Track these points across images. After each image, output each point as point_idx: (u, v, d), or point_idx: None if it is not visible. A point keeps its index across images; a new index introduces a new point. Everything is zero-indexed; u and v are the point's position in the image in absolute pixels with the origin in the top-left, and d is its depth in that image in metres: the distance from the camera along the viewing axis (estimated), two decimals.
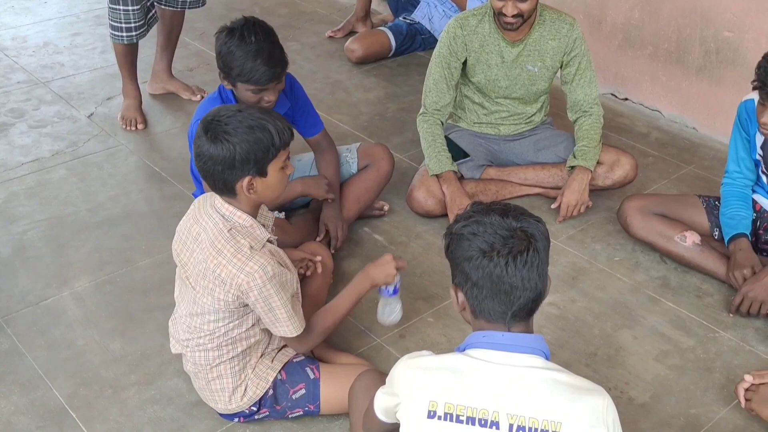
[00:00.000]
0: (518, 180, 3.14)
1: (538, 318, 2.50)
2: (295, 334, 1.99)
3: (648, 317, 2.56)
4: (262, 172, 1.91)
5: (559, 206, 2.98)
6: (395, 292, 2.23)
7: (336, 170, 2.86)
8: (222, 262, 1.89)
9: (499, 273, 1.42)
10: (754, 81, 2.34)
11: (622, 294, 2.67)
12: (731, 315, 2.54)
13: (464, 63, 2.99)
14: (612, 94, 3.97)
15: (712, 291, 2.66)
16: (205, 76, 4.14)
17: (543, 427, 1.37)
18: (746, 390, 2.04)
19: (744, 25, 3.31)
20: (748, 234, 2.62)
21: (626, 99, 3.93)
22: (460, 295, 1.51)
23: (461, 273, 1.49)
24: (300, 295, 2.13)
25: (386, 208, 3.06)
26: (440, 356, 1.50)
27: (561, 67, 3.01)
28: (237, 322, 1.99)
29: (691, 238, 2.70)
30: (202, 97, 3.73)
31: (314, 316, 2.09)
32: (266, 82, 2.41)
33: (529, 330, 1.50)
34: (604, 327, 2.53)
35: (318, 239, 2.74)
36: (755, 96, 2.53)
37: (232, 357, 2.03)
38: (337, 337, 2.43)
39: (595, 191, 3.05)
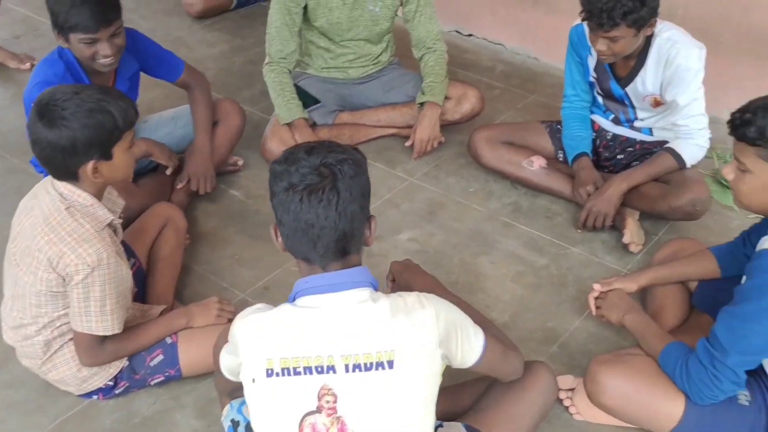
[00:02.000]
0: (371, 122, 3.15)
1: (399, 255, 2.56)
2: (101, 333, 1.86)
3: (503, 242, 2.66)
4: (107, 156, 1.80)
5: (413, 144, 3.01)
6: None
7: (206, 108, 2.78)
8: (53, 239, 1.78)
9: (295, 209, 1.40)
10: (581, 12, 2.40)
11: (478, 223, 2.75)
12: (579, 230, 2.67)
13: (305, 8, 2.94)
14: (456, 32, 4.03)
15: (561, 210, 2.79)
16: (34, 43, 3.86)
17: (377, 359, 1.38)
18: (596, 298, 2.15)
19: None
20: (589, 153, 2.74)
21: (470, 35, 4.00)
22: (280, 236, 1.50)
23: (275, 211, 1.47)
24: (131, 293, 2.01)
25: (240, 163, 2.99)
26: (272, 312, 1.46)
27: (401, 5, 3.01)
28: (63, 310, 1.87)
29: (538, 162, 2.81)
30: (32, 65, 3.48)
31: (118, 335, 1.94)
32: (95, 28, 2.26)
33: (348, 265, 1.47)
34: (463, 256, 2.60)
35: (179, 186, 2.67)
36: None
37: (62, 345, 1.93)
38: (199, 298, 2.37)
39: (446, 126, 3.10)
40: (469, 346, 1.51)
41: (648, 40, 2.48)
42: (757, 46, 3.09)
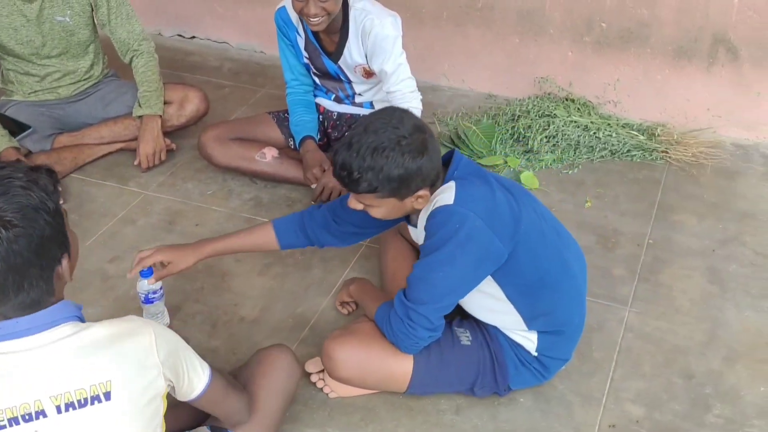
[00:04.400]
0: (94, 140, 2.99)
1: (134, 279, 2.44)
2: None
3: None
4: None
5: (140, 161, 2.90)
6: (148, 301, 2.15)
7: None
8: None
9: None
10: None
11: (220, 224, 2.70)
12: (313, 202, 2.67)
13: None
14: (179, 35, 3.93)
15: (301, 197, 2.81)
16: None
17: (92, 393, 1.29)
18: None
19: None
20: (314, 135, 2.78)
21: (193, 37, 3.92)
22: None
23: None
24: None
25: None
26: None
27: (93, 10, 2.86)
28: None
29: (270, 153, 2.81)
30: None
31: None
32: None
33: (47, 306, 1.33)
34: (207, 259, 2.53)
35: None
36: (286, 3, 2.65)
37: None
38: None
39: (175, 131, 3.02)
40: (196, 377, 1.48)
41: (345, 13, 2.55)
42: (456, 13, 3.29)
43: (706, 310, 2.32)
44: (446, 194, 1.71)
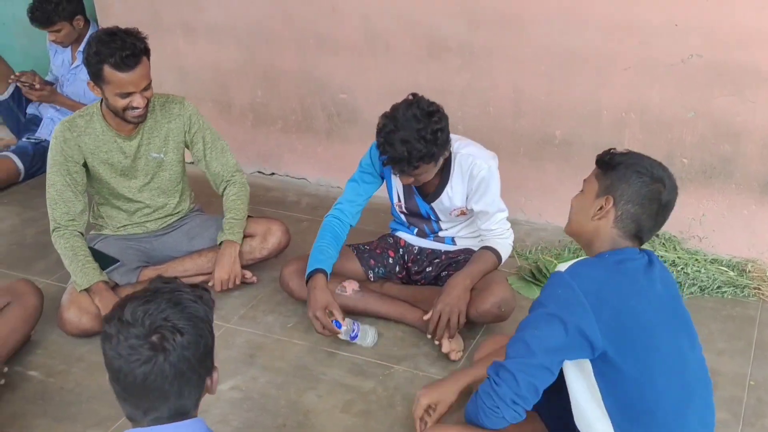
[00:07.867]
0: (178, 273, 3.03)
1: (222, 406, 2.42)
2: None
3: (328, 373, 2.58)
4: None
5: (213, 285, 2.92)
6: (353, 338, 2.61)
7: None
8: None
9: (123, 378, 1.39)
10: (381, 156, 2.44)
11: (301, 357, 2.67)
12: (429, 336, 2.57)
13: (86, 166, 2.83)
14: (259, 172, 4.07)
15: (381, 330, 2.76)
16: None
17: None
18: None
19: (353, 85, 3.58)
20: (329, 271, 2.65)
21: (273, 174, 4.05)
22: None
23: None
24: None
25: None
26: None
27: (188, 147, 2.99)
28: None
29: (350, 286, 2.80)
30: None
31: None
32: None
33: (192, 416, 1.46)
34: (289, 395, 2.49)
35: None
36: None
37: None
38: None
39: (258, 264, 3.06)
40: None
41: (448, 158, 2.59)
42: (532, 149, 3.33)
43: None
44: (568, 263, 1.77)
